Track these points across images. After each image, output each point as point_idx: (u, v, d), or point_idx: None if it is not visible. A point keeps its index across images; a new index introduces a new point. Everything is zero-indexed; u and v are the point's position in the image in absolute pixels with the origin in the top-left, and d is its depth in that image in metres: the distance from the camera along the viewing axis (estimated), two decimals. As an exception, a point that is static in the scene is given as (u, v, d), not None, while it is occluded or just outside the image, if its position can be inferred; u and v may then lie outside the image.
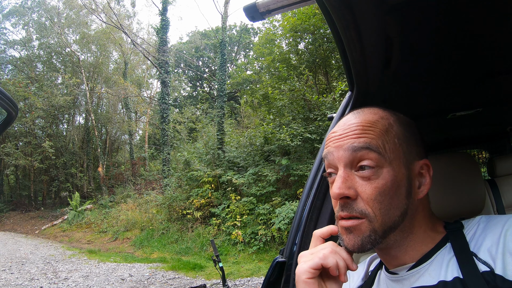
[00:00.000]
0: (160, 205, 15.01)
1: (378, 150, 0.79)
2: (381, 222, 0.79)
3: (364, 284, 1.01)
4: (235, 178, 12.00)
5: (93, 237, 15.67)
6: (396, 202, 0.79)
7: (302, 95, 12.30)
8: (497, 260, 0.71)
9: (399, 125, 0.86)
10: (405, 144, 0.84)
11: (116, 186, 22.53)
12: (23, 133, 23.26)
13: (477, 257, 0.74)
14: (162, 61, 19.16)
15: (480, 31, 0.94)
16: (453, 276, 0.75)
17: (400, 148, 0.82)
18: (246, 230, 10.64)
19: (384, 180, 0.78)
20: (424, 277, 0.80)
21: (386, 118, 0.85)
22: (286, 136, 11.05)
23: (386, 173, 0.79)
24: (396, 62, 0.97)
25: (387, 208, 0.79)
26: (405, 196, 0.80)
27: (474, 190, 1.22)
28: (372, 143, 0.80)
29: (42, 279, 8.62)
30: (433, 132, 1.92)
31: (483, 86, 1.24)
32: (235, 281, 7.75)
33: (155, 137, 28.73)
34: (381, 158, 0.79)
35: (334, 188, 0.81)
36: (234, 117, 24.37)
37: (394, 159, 0.80)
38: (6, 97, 1.40)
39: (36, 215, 22.00)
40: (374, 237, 0.79)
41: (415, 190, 0.83)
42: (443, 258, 0.80)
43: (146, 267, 9.74)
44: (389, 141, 0.81)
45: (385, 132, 0.82)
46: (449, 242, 0.82)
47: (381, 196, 0.78)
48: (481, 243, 0.76)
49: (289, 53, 14.87)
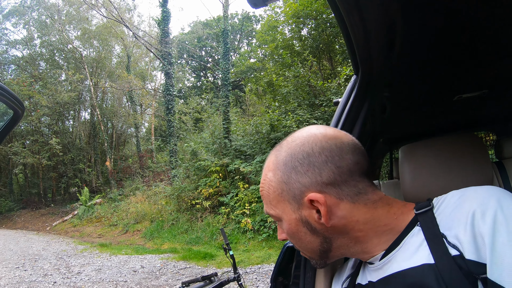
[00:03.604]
0: (169, 196, 15.09)
1: (271, 215, 0.90)
2: (309, 253, 0.92)
3: (353, 272, 1.02)
4: (242, 166, 11.99)
5: (103, 230, 15.80)
6: (306, 240, 0.87)
7: (306, 81, 12.24)
8: (464, 244, 0.68)
9: (278, 172, 0.86)
10: (286, 191, 0.85)
11: (125, 179, 22.66)
12: (30, 131, 23.36)
13: (447, 239, 0.72)
14: (165, 53, 19.08)
15: (487, 11, 0.92)
16: (423, 262, 0.73)
17: (283, 199, 0.86)
18: (255, 218, 10.69)
19: (286, 228, 0.89)
20: (394, 265, 0.80)
21: (268, 174, 0.89)
22: (292, 122, 11.02)
23: (284, 224, 0.89)
24: (400, 45, 0.96)
25: (303, 246, 0.90)
26: (310, 233, 0.85)
27: (482, 172, 1.21)
28: (269, 212, 0.91)
29: (55, 275, 8.72)
30: (439, 114, 1.90)
31: (489, 68, 1.22)
32: (245, 269, 7.79)
33: (161, 129, 28.76)
34: (275, 217, 0.90)
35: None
36: (239, 106, 24.28)
37: (283, 212, 0.87)
38: (12, 95, 1.40)
39: (46, 212, 22.20)
40: (315, 261, 0.93)
41: (318, 223, 0.82)
42: (412, 243, 0.78)
43: (157, 258, 9.82)
44: (273, 200, 0.88)
45: (268, 193, 0.89)
46: (418, 225, 0.79)
47: (292, 238, 0.90)
48: (450, 224, 0.73)
49: (292, 39, 14.77)
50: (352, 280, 0.99)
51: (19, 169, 25.28)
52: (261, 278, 7.03)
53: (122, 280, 7.81)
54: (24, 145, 23.33)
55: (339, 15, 0.89)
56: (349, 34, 0.93)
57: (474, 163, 1.22)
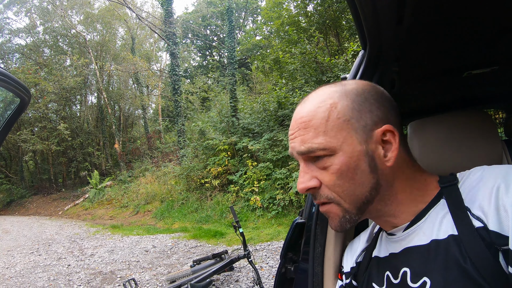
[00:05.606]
0: (178, 176, 15.22)
1: (321, 148, 0.79)
2: (349, 202, 0.81)
3: (369, 246, 1.03)
4: (250, 144, 12.00)
5: (115, 212, 16.04)
6: (359, 181, 0.80)
7: (313, 58, 12.11)
8: (489, 215, 0.69)
9: (344, 100, 0.82)
10: (355, 119, 0.81)
11: (134, 161, 22.89)
12: (38, 118, 23.51)
13: (471, 212, 0.73)
14: (170, 33, 18.91)
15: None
16: (447, 234, 0.75)
17: (348, 127, 0.80)
18: (264, 196, 10.74)
19: (339, 164, 0.79)
20: (418, 236, 0.81)
21: (327, 101, 0.82)
22: (299, 99, 10.93)
23: (339, 157, 0.79)
24: (409, 18, 0.94)
25: (351, 189, 0.80)
26: (369, 171, 0.80)
27: (491, 150, 1.20)
28: (313, 146, 0.80)
29: (69, 258, 8.89)
30: (448, 90, 1.87)
31: (500, 43, 1.19)
32: (255, 246, 7.87)
33: (168, 109, 28.80)
34: (329, 149, 0.79)
35: (297, 183, 0.84)
36: (246, 84, 24.14)
37: (344, 142, 0.79)
38: (18, 83, 1.41)
39: (58, 196, 22.57)
40: (349, 216, 0.82)
41: (381, 160, 0.81)
42: (437, 216, 0.79)
43: (168, 238, 9.97)
44: (334, 126, 0.80)
45: (327, 118, 0.80)
46: (443, 198, 0.81)
47: (340, 180, 0.79)
48: (474, 197, 0.75)
49: (298, 15, 14.53)
50: (368, 253, 1.01)
51: (29, 156, 25.55)
52: (270, 255, 7.12)
53: (135, 260, 7.96)
54: (33, 132, 23.57)
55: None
56: (357, 8, 0.91)
57: (483, 140, 1.21)
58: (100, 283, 6.66)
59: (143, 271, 7.11)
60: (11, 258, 9.47)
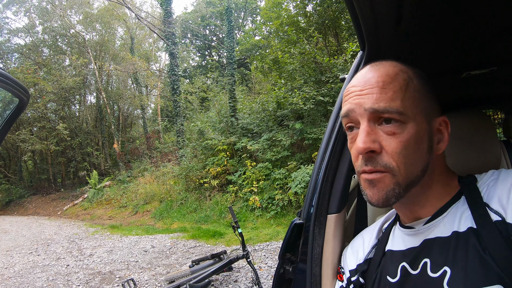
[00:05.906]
0: (177, 176, 15.22)
1: (399, 111, 0.78)
2: (404, 175, 0.79)
3: (379, 241, 1.05)
4: (249, 144, 12.01)
5: (114, 212, 16.00)
6: (419, 156, 0.80)
7: (312, 58, 12.09)
8: (508, 209, 0.73)
9: (418, 78, 0.84)
10: (425, 98, 0.83)
11: (133, 161, 22.83)
12: (37, 118, 23.36)
13: (489, 207, 0.77)
14: (169, 33, 18.91)
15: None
16: (467, 227, 0.78)
17: (421, 103, 0.82)
18: (263, 196, 10.75)
19: (408, 134, 0.79)
20: (439, 229, 0.83)
21: (405, 71, 0.83)
22: (298, 100, 10.94)
23: (410, 127, 0.79)
24: (407, 18, 0.94)
25: (411, 162, 0.79)
26: (426, 151, 0.81)
27: (489, 150, 1.21)
28: (392, 106, 0.78)
29: (68, 258, 8.88)
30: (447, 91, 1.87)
31: (499, 44, 1.19)
32: (254, 246, 7.88)
33: (167, 109, 28.75)
34: (405, 115, 0.79)
35: (358, 142, 0.80)
36: (245, 84, 24.10)
37: (417, 114, 0.80)
38: (16, 83, 1.41)
39: (57, 196, 22.45)
40: (398, 190, 0.80)
41: (435, 145, 0.84)
42: (457, 211, 0.82)
43: (167, 238, 9.96)
44: (410, 96, 0.80)
45: (406, 86, 0.81)
46: (463, 195, 0.84)
47: (406, 150, 0.78)
48: (493, 194, 0.79)
49: (297, 15, 14.52)
50: (380, 248, 1.02)
51: (28, 156, 25.43)
52: (269, 255, 7.12)
53: (134, 260, 7.95)
54: (32, 132, 23.44)
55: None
56: (355, 9, 0.91)
57: (482, 141, 1.21)
58: (99, 283, 6.66)
59: (142, 271, 7.11)
60: (10, 258, 9.45)
